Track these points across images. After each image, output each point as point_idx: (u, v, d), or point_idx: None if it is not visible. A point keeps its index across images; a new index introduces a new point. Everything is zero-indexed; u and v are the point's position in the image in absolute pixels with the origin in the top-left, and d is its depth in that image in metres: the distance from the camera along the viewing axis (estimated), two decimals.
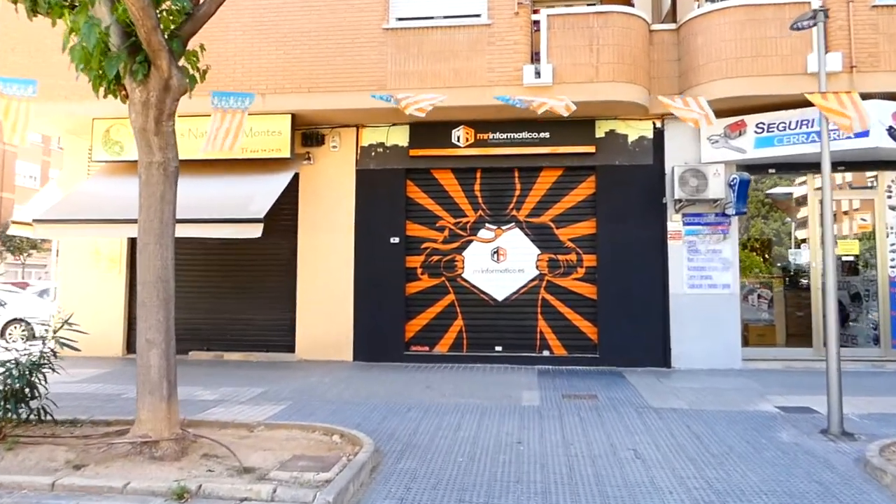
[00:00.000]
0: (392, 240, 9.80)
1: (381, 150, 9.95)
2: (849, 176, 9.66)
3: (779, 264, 10.14)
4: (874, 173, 9.31)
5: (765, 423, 6.04)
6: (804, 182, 9.70)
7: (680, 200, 9.10)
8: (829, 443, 5.38)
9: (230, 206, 8.65)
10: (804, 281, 9.86)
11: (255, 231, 8.35)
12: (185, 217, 8.44)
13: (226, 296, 10.27)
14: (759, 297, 10.04)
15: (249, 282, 10.24)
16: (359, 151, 10.00)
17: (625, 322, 9.29)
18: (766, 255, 10.17)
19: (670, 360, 9.18)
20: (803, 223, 9.96)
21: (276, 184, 9.06)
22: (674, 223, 9.35)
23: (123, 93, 4.98)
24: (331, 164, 10.04)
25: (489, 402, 6.98)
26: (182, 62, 5.26)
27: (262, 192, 8.88)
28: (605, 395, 7.39)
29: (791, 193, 11.16)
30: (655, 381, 8.19)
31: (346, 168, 10.01)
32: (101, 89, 5.08)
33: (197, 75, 5.71)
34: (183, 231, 8.46)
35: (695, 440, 5.48)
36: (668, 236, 9.32)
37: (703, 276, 9.26)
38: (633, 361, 9.22)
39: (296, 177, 10.08)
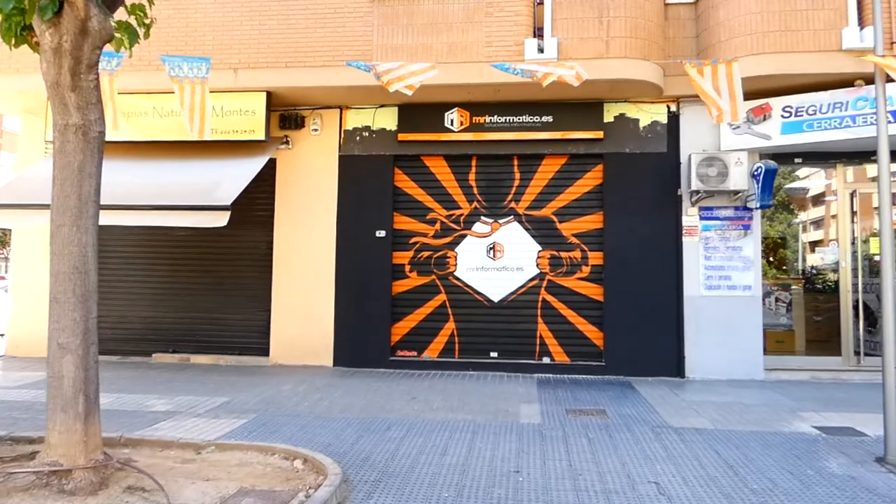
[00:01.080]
0: (378, 233, 8.87)
1: (367, 134, 9.02)
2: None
3: (796, 265, 9.28)
4: None
5: (806, 448, 5.12)
6: (808, 176, 8.81)
7: (697, 192, 8.19)
8: (891, 475, 4.47)
9: (194, 193, 7.70)
10: (828, 282, 8.98)
11: (221, 220, 7.41)
12: (143, 203, 7.53)
13: (194, 293, 9.33)
14: (777, 299, 9.15)
15: (220, 278, 9.29)
16: (342, 135, 9.08)
17: (634, 327, 8.38)
18: (774, 256, 9.30)
19: (684, 369, 8.26)
20: (817, 221, 9.11)
21: (247, 168, 8.12)
22: (689, 217, 8.44)
23: (34, 39, 4.04)
24: (311, 149, 9.11)
25: (482, 418, 6.05)
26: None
27: (232, 178, 7.93)
28: (615, 410, 6.47)
29: (806, 189, 10.35)
30: (670, 394, 7.27)
31: (327, 154, 9.08)
32: (12, 38, 4.15)
33: (140, 31, 4.79)
34: (140, 219, 7.56)
35: (728, 471, 4.55)
36: (683, 232, 8.41)
37: (722, 277, 8.35)
38: (643, 370, 8.31)
39: (272, 163, 9.15)
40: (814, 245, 9.62)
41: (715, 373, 8.21)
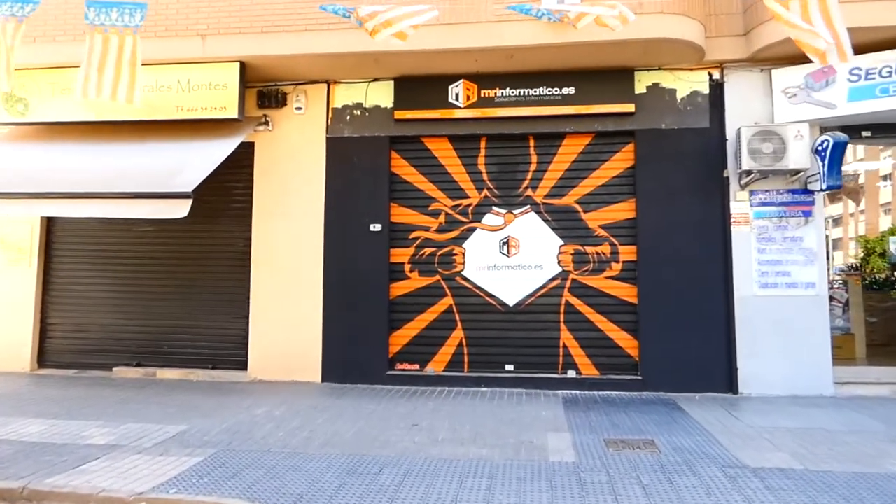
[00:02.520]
0: (372, 227, 7.61)
1: (359, 112, 7.77)
2: None
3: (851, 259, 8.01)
4: None
5: None
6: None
7: (749, 172, 6.89)
8: None
9: (152, 179, 6.47)
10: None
11: (180, 209, 6.17)
12: (92, 191, 6.30)
13: (161, 297, 8.08)
14: (831, 298, 7.82)
15: (191, 280, 8.04)
16: (330, 114, 7.83)
17: (675, 333, 7.08)
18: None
19: (737, 383, 6.95)
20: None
21: (217, 151, 6.88)
22: (739, 203, 7.14)
23: None
24: (294, 131, 7.87)
25: (501, 455, 4.77)
26: None
27: (197, 162, 6.69)
28: (666, 440, 5.18)
29: (857, 173, 9.12)
30: (728, 417, 5.97)
31: (313, 136, 7.83)
32: None
33: None
34: (86, 209, 6.32)
35: None
36: (732, 221, 7.11)
37: (779, 273, 7.04)
38: (687, 385, 7.01)
39: (250, 147, 7.92)
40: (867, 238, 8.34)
41: (774, 387, 6.89)
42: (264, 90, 7.88)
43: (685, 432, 5.42)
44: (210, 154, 6.79)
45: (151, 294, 8.10)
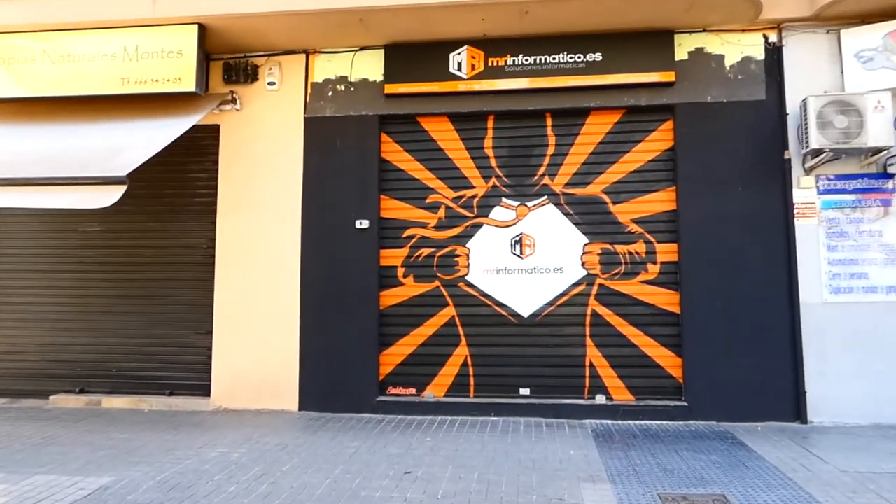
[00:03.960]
0: (359, 224, 6.35)
1: (343, 87, 6.54)
2: None
3: None
4: None
5: None
6: None
7: (817, 152, 5.64)
8: None
9: (83, 163, 5.23)
10: None
11: (110, 196, 4.93)
12: (7, 177, 5.06)
13: (111, 311, 6.81)
14: None
15: (146, 290, 6.77)
16: (309, 90, 6.59)
17: (727, 349, 5.80)
18: None
19: (805, 409, 5.65)
20: None
21: (167, 131, 5.64)
22: (803, 191, 5.88)
23: None
24: (267, 111, 6.63)
25: None
26: None
27: (141, 142, 5.45)
28: (740, 495, 3.88)
29: None
30: (807, 456, 4.67)
31: (289, 116, 6.59)
32: None
33: None
34: (4, 198, 5.09)
35: None
36: (795, 212, 5.85)
37: (855, 275, 5.77)
38: (744, 413, 5.72)
39: (215, 131, 6.69)
40: None
41: (851, 415, 5.61)
42: (231, 62, 6.65)
43: (762, 482, 4.12)
44: (158, 134, 5.55)
45: (99, 307, 6.82)
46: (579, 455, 4.80)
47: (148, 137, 5.47)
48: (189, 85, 5.99)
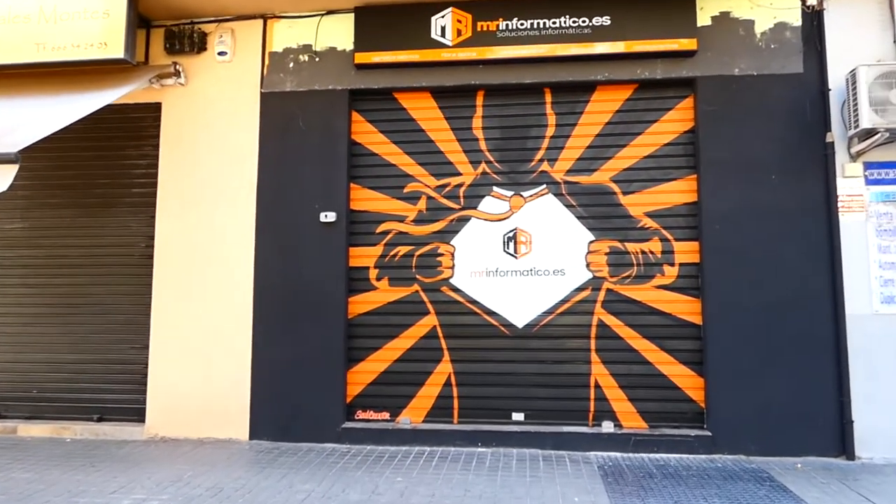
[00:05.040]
0: (324, 217, 5.37)
1: (307, 58, 5.56)
2: None
3: None
4: None
5: None
6: None
7: (869, 134, 4.72)
8: None
9: None
10: None
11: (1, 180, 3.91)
12: None
13: (32, 323, 5.78)
14: None
15: (74, 297, 5.74)
16: (266, 62, 5.62)
17: (758, 369, 4.86)
18: None
19: (852, 443, 4.72)
20: None
21: (77, 105, 4.63)
22: (849, 181, 4.96)
23: None
24: (217, 86, 5.65)
25: None
26: None
27: (43, 118, 4.45)
28: None
29: None
30: None
31: (243, 91, 5.61)
32: None
33: None
34: None
35: None
36: (839, 205, 4.93)
37: None
38: (778, 445, 4.78)
39: (156, 110, 5.71)
40: None
41: None
42: (175, 29, 5.66)
43: None
44: (66, 110, 4.54)
45: (18, 317, 5.79)
46: (586, 502, 3.84)
47: (54, 113, 4.46)
48: (116, 51, 5.00)
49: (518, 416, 5.22)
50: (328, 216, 5.36)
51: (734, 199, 5.04)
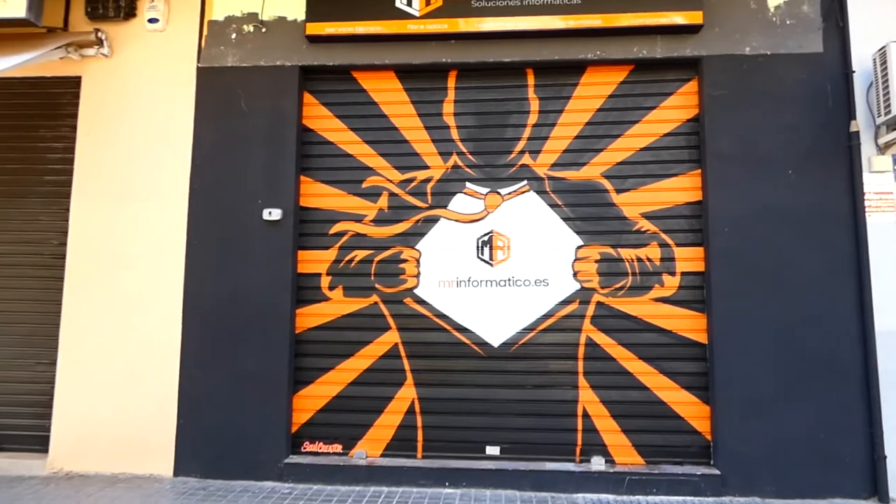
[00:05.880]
0: (268, 214, 4.57)
1: (251, 28, 4.78)
2: None
3: None
4: None
5: None
6: None
7: None
8: None
9: None
10: None
11: None
12: None
13: None
14: None
15: None
16: (205, 31, 4.83)
17: (774, 395, 4.15)
18: None
19: (885, 483, 4.01)
20: None
21: None
22: (877, 175, 4.29)
23: None
24: (147, 58, 4.84)
25: None
26: None
27: None
28: None
29: None
30: None
31: (177, 65, 4.81)
32: None
33: None
34: None
35: None
36: (866, 204, 4.25)
37: None
38: (798, 486, 4.06)
39: (74, 85, 4.89)
40: None
41: None
42: None
43: None
44: None
45: None
46: None
47: None
48: (17, 8, 4.19)
49: (493, 451, 4.43)
50: (272, 213, 4.56)
51: (744, 198, 4.33)
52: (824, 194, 4.28)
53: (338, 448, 4.54)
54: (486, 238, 4.63)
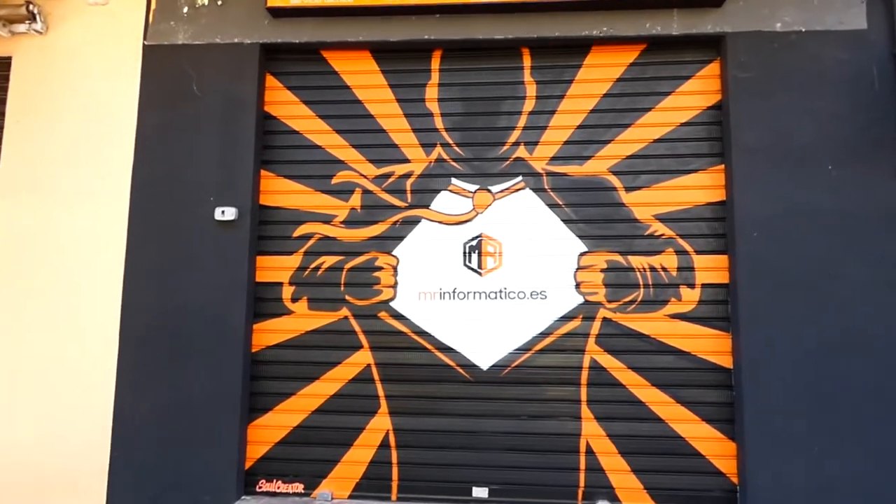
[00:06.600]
0: (220, 214, 3.93)
1: (206, 1, 4.16)
2: None
3: None
4: None
5: None
6: None
7: None
8: None
9: None
10: None
11: None
12: None
13: None
14: None
15: None
16: (153, 4, 4.21)
17: (812, 431, 3.49)
18: None
19: None
20: None
21: None
22: None
23: None
24: (86, 35, 4.23)
25: None
26: None
27: None
28: None
29: None
30: None
31: (120, 43, 4.20)
32: None
33: None
34: None
35: None
36: None
37: None
38: None
39: (3, 66, 4.26)
40: None
41: None
42: None
43: None
44: None
45: None
46: None
47: None
48: None
49: (480, 492, 3.77)
50: (226, 213, 3.92)
51: (776, 197, 3.69)
52: (871, 192, 3.64)
53: (299, 487, 3.87)
54: (474, 243, 3.99)
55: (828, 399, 3.51)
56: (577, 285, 3.89)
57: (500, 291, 3.93)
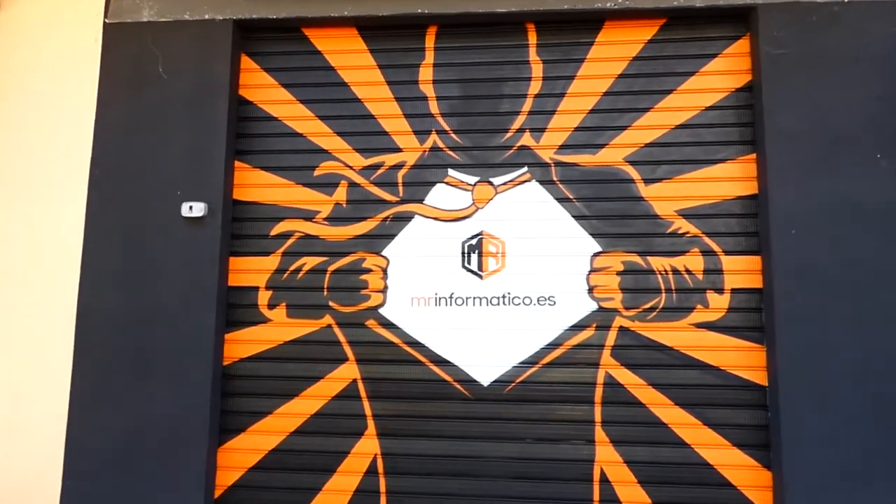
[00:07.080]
0: (188, 210, 3.49)
1: None
2: None
3: None
4: None
5: None
6: None
7: None
8: None
9: None
10: None
11: None
12: None
13: None
14: None
15: None
16: None
17: (863, 462, 3.04)
18: None
19: None
20: None
21: None
22: None
23: None
24: (42, 13, 3.81)
25: None
26: None
27: None
28: None
29: None
30: None
31: (78, 21, 3.77)
32: None
33: None
34: None
35: None
36: None
37: None
38: None
39: None
40: None
41: None
42: None
43: None
44: None
45: None
46: None
47: None
48: None
49: None
50: (194, 209, 3.48)
51: (816, 190, 3.25)
52: None
53: None
54: (474, 242, 3.55)
55: (883, 422, 3.05)
56: (590, 290, 3.44)
57: (503, 297, 3.49)
